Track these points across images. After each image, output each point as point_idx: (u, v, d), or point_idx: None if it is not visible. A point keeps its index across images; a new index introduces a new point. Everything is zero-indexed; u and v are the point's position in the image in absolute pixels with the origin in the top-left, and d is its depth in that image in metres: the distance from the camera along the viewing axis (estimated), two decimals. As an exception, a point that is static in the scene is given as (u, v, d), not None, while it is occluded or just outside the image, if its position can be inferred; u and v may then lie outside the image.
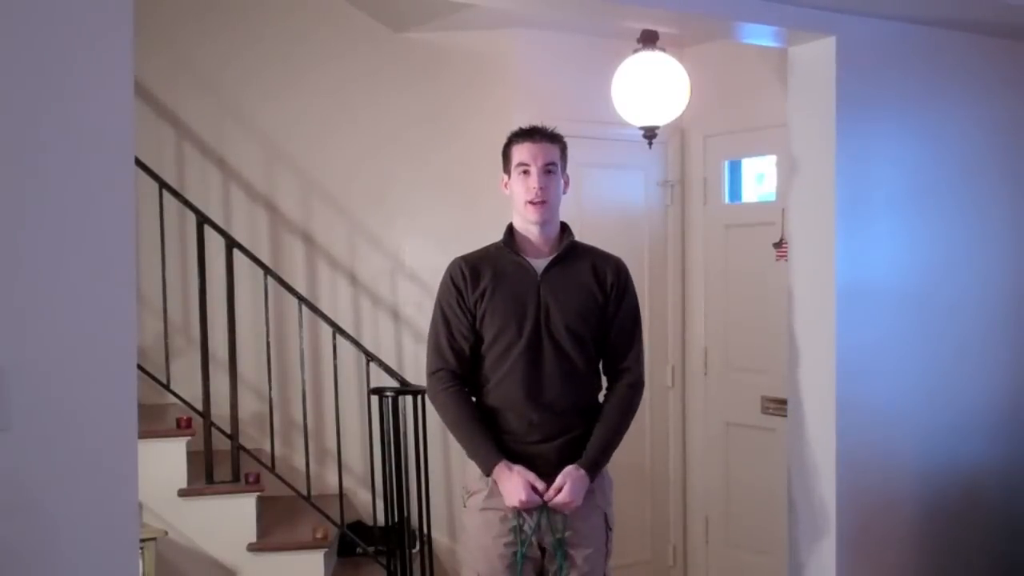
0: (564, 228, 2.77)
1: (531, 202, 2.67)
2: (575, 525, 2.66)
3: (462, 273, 2.71)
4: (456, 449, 4.37)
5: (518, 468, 2.62)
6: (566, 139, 2.78)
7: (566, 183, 2.77)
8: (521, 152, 2.69)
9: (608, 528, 2.73)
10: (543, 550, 2.67)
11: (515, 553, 2.64)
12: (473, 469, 2.73)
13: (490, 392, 2.71)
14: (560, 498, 2.60)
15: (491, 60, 4.31)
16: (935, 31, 3.25)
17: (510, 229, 2.76)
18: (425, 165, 4.44)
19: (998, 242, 3.49)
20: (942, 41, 3.28)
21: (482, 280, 2.70)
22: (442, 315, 2.72)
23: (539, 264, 2.71)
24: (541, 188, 2.66)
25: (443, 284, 2.75)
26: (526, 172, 2.68)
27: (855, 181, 3.09)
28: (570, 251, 2.74)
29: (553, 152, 2.70)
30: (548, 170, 2.68)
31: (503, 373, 2.67)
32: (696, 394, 4.63)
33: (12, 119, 1.82)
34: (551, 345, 2.66)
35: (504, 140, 2.78)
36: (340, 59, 4.45)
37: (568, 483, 2.61)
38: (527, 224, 2.71)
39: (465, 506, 2.77)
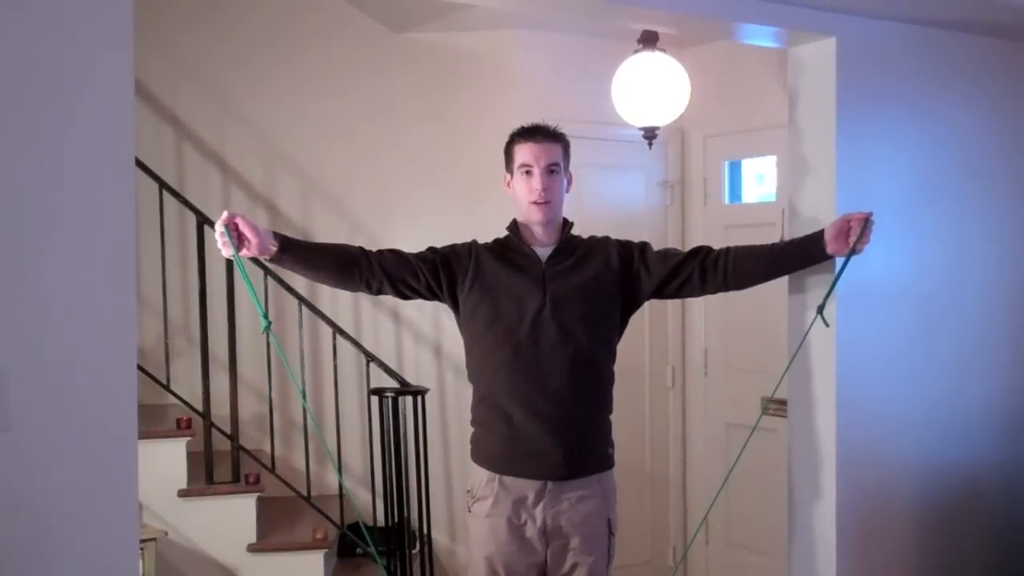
0: (565, 222, 2.77)
1: (535, 202, 2.66)
2: (581, 532, 2.63)
3: (469, 250, 2.73)
4: (456, 449, 4.40)
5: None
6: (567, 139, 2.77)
7: (569, 181, 2.75)
8: (523, 152, 2.67)
9: (611, 533, 2.71)
10: (547, 555, 2.65)
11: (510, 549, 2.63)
12: (479, 472, 2.70)
13: (492, 379, 2.65)
14: (860, 216, 2.70)
15: (491, 60, 4.31)
16: (935, 32, 3.25)
17: (514, 222, 2.76)
18: (425, 165, 4.44)
19: (999, 242, 3.49)
20: (942, 42, 3.28)
21: (486, 262, 2.69)
22: (428, 247, 2.77)
23: (543, 252, 2.71)
24: (544, 189, 2.64)
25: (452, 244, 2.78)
26: (528, 173, 2.66)
27: (855, 181, 3.08)
28: (572, 239, 2.75)
29: (556, 151, 2.67)
30: (551, 170, 2.66)
31: (502, 359, 2.62)
32: (696, 394, 4.63)
33: (12, 120, 1.82)
34: (557, 330, 2.61)
35: (504, 140, 2.77)
36: (340, 59, 4.45)
37: (843, 220, 2.73)
38: (530, 223, 2.72)
39: (470, 511, 2.73)
